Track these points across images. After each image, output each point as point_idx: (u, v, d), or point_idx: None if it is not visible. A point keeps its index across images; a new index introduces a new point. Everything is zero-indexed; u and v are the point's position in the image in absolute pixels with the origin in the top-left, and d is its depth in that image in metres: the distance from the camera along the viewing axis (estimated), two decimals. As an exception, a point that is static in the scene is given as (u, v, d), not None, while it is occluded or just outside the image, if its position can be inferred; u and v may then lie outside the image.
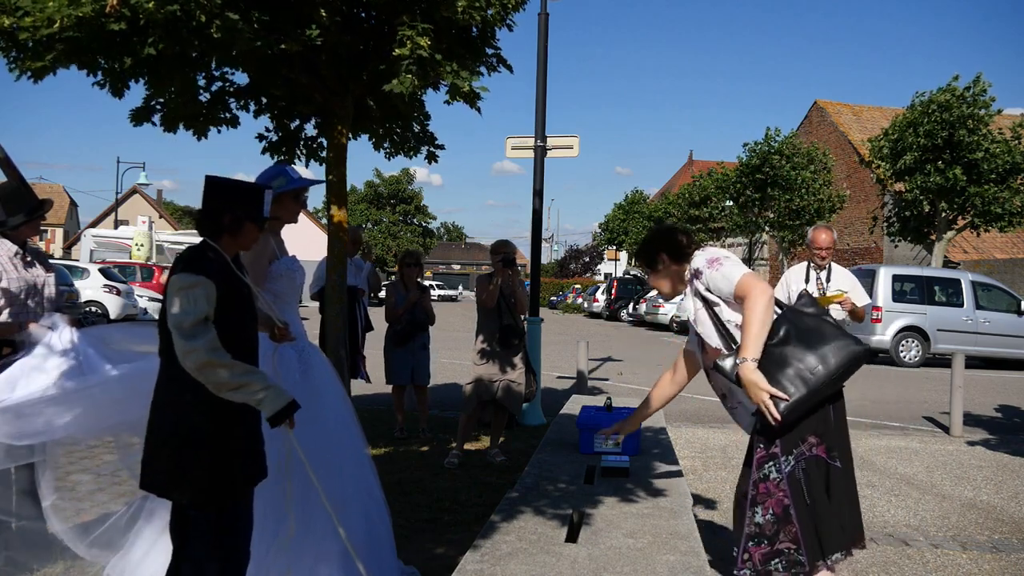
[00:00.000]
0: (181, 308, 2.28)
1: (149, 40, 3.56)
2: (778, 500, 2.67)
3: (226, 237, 2.46)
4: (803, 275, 5.44)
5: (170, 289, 2.34)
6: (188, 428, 2.33)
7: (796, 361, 2.64)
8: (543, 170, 8.06)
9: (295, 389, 2.83)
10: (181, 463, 2.33)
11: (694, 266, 2.88)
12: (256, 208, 2.48)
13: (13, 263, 3.46)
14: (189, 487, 2.34)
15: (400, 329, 6.62)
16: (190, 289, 2.31)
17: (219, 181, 2.48)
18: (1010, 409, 9.83)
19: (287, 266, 3.12)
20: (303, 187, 3.17)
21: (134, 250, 24.77)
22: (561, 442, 4.38)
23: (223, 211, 2.43)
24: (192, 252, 2.43)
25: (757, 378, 2.60)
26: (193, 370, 2.27)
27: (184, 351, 2.27)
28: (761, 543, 2.68)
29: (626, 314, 29.74)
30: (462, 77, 3.96)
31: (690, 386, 3.36)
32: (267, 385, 2.34)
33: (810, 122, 33.02)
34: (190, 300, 2.29)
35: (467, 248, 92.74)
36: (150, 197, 51.16)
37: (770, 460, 2.70)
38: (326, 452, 3.00)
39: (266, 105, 4.87)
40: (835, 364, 2.64)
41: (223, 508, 2.39)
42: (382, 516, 3.23)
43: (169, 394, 2.37)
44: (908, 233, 20.98)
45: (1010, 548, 4.35)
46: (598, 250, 58.65)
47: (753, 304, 2.64)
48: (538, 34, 7.98)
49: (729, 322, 2.79)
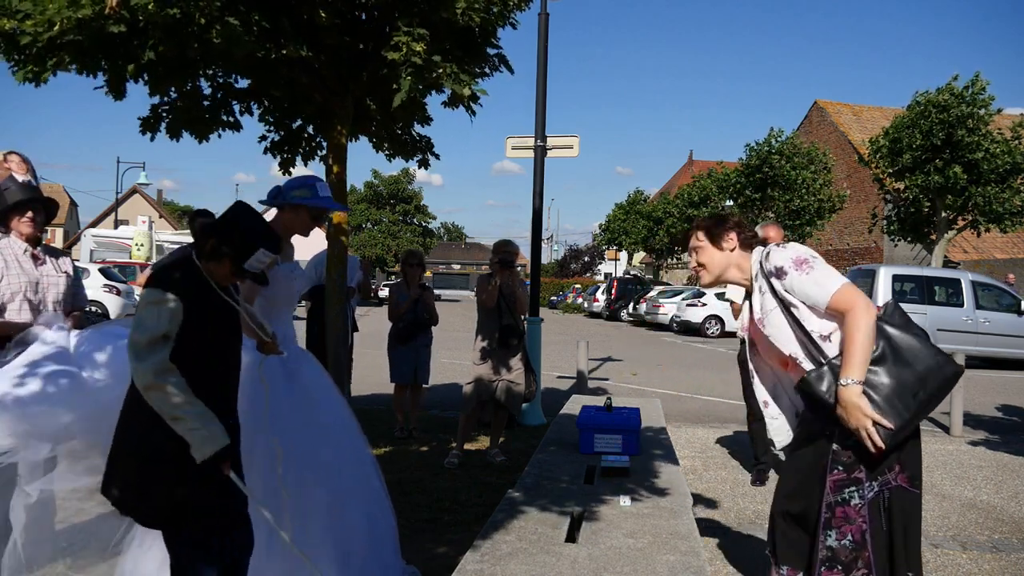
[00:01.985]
0: (139, 324, 2.24)
1: (149, 43, 3.57)
2: (858, 527, 2.51)
3: (204, 261, 2.39)
4: None
5: (139, 301, 2.30)
6: (150, 446, 2.27)
7: (896, 383, 2.45)
8: (543, 170, 8.07)
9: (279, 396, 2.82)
10: (142, 482, 2.28)
11: (775, 263, 2.60)
12: (242, 255, 2.37)
13: (19, 260, 3.47)
14: (151, 508, 2.29)
15: (402, 327, 6.65)
16: (153, 305, 2.25)
17: (239, 211, 2.41)
18: (1010, 409, 9.83)
19: (286, 271, 3.11)
20: (322, 208, 3.11)
21: (134, 250, 24.78)
22: (561, 442, 4.39)
23: (213, 236, 2.36)
24: (167, 266, 2.37)
25: (863, 403, 2.40)
26: (140, 390, 2.22)
27: (132, 369, 2.23)
28: (835, 568, 2.53)
29: (626, 314, 29.74)
30: (461, 80, 3.95)
31: (690, 386, 3.37)
32: (202, 425, 2.24)
33: (810, 122, 33.03)
34: (150, 317, 2.24)
35: (467, 248, 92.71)
36: (150, 197, 51.18)
37: (852, 484, 2.51)
38: (322, 454, 3.00)
39: (267, 108, 4.88)
40: (934, 388, 2.46)
41: (191, 529, 2.32)
42: (386, 515, 3.22)
43: (135, 408, 2.31)
44: (908, 233, 20.99)
45: (1010, 548, 4.35)
46: (598, 250, 58.64)
47: (857, 321, 2.42)
48: (538, 34, 7.99)
49: (814, 332, 2.55)
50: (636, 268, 49.11)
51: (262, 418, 2.74)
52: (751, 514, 4.84)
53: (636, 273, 40.19)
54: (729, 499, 5.17)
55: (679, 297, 24.79)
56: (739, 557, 4.05)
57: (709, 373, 12.85)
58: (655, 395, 9.11)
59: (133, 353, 2.23)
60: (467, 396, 5.72)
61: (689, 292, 25.13)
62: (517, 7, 4.16)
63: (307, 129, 5.12)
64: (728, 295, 5.39)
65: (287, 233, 3.12)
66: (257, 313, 2.84)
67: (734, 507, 4.98)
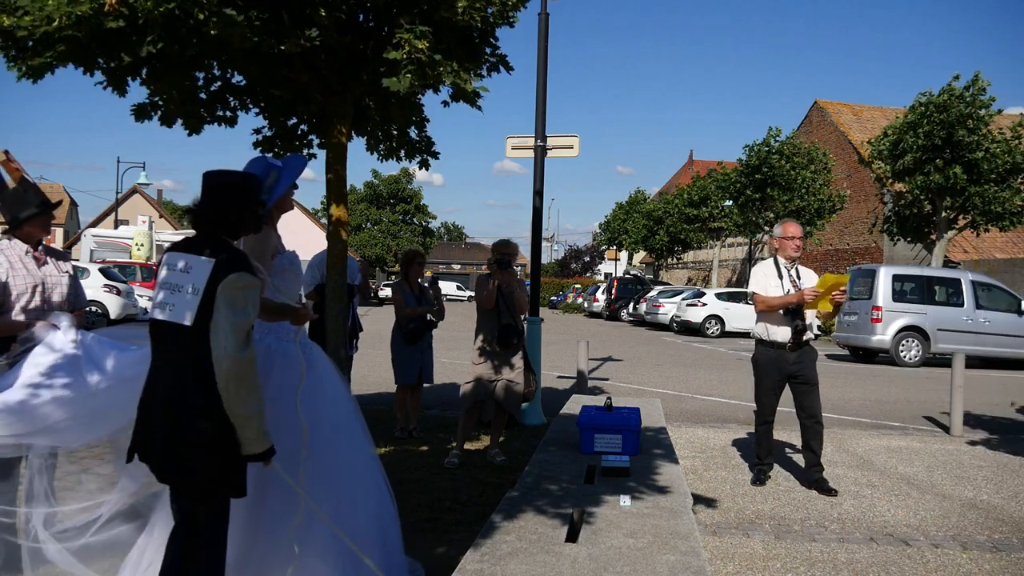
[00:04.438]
0: (241, 310, 2.23)
1: (148, 38, 3.56)
2: None
3: (239, 232, 2.45)
4: (774, 271, 5.39)
5: (230, 286, 2.27)
6: (202, 427, 2.32)
7: None
8: (543, 170, 8.06)
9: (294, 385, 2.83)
10: (194, 455, 2.33)
11: None
12: (258, 198, 2.47)
13: (23, 262, 3.47)
14: (202, 479, 2.35)
15: (413, 328, 6.60)
16: (248, 289, 2.25)
17: (222, 179, 2.45)
18: (1010, 409, 9.83)
19: (289, 260, 3.12)
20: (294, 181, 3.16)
21: (134, 250, 24.80)
22: (561, 442, 4.38)
23: (231, 207, 2.41)
24: (233, 251, 2.39)
25: None
26: (227, 375, 2.24)
27: (229, 355, 2.23)
28: None
29: (626, 314, 29.75)
30: (463, 78, 3.95)
31: (690, 386, 3.36)
32: (261, 423, 2.33)
33: (810, 122, 33.03)
34: (249, 303, 2.24)
35: (467, 248, 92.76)
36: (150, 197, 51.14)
37: None
38: (332, 446, 3.00)
39: (266, 105, 4.87)
40: None
41: (224, 498, 2.41)
42: (390, 513, 3.22)
43: (187, 387, 2.34)
44: (908, 233, 20.98)
45: (1010, 548, 4.34)
46: (598, 250, 58.66)
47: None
48: (538, 34, 7.98)
49: None
50: (636, 268, 49.09)
51: (293, 398, 2.78)
52: (751, 514, 4.83)
53: (636, 273, 40.16)
54: (729, 499, 5.16)
55: (679, 297, 24.79)
56: (739, 557, 4.04)
57: (709, 373, 12.84)
58: (655, 395, 9.12)
59: (235, 340, 2.23)
60: (466, 395, 5.72)
61: (689, 292, 25.14)
62: (515, 6, 4.14)
63: (300, 127, 5.11)
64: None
65: (276, 220, 3.12)
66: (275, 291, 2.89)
67: (734, 507, 4.97)
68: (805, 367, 5.33)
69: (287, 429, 2.71)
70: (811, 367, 5.37)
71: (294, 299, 3.26)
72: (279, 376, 2.81)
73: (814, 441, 5.41)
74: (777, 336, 5.32)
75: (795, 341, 5.27)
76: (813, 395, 5.36)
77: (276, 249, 3.07)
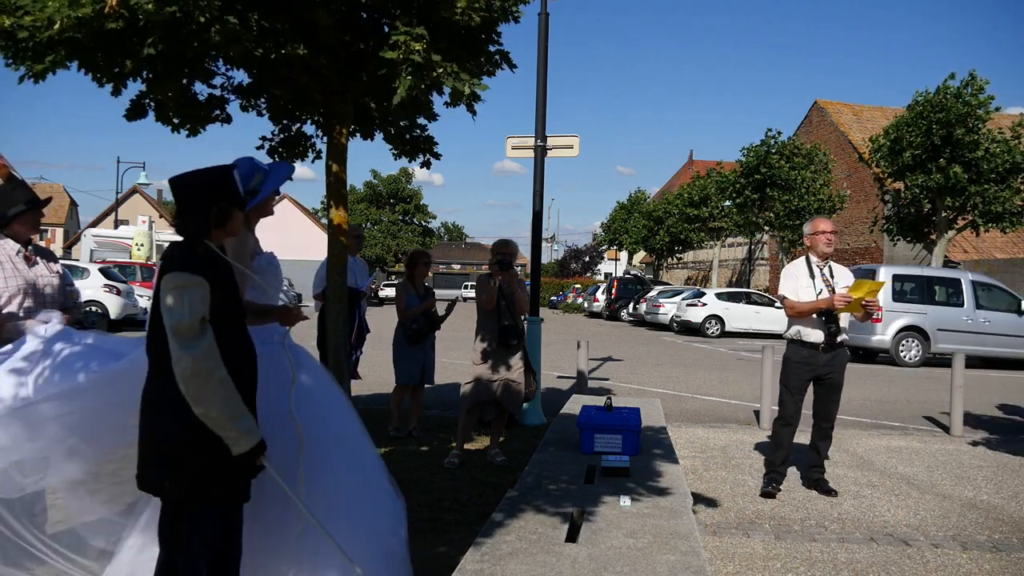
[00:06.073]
0: (177, 309, 2.20)
1: (148, 40, 3.56)
2: None
3: (215, 231, 2.39)
4: (806, 271, 5.25)
5: (164, 288, 2.24)
6: (180, 424, 2.27)
7: None
8: (543, 170, 8.06)
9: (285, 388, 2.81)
10: (174, 456, 2.29)
11: None
12: (234, 191, 2.41)
13: (13, 261, 3.47)
14: (182, 480, 2.29)
15: (417, 328, 6.59)
16: (185, 289, 2.22)
17: (188, 179, 2.40)
18: (1010, 409, 9.83)
19: (268, 261, 3.11)
20: (277, 188, 3.14)
21: (134, 250, 24.81)
22: (561, 442, 4.38)
23: (206, 206, 2.35)
24: (183, 250, 2.35)
25: None
26: (183, 377, 2.19)
27: (177, 356, 2.19)
28: None
29: (626, 314, 29.74)
30: (461, 79, 3.93)
31: (690, 386, 3.37)
32: (241, 419, 2.26)
33: (810, 122, 33.03)
34: (186, 301, 2.20)
35: (467, 248, 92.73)
36: (150, 197, 51.18)
37: None
38: (324, 448, 2.99)
39: (267, 105, 4.87)
40: None
41: (216, 502, 2.34)
42: (394, 511, 3.20)
43: (161, 391, 2.30)
44: (908, 232, 20.98)
45: (1010, 548, 4.35)
46: (598, 250, 58.66)
47: None
48: (538, 34, 7.98)
49: None
50: (636, 268, 49.07)
51: (286, 400, 2.73)
52: (751, 514, 4.83)
53: (636, 273, 40.13)
54: (729, 499, 5.16)
55: (679, 297, 24.78)
56: (739, 557, 4.05)
57: (709, 373, 12.84)
58: (655, 395, 9.12)
59: (178, 341, 2.19)
60: (466, 395, 5.72)
61: (689, 292, 25.14)
62: (514, 5, 4.10)
63: (303, 129, 5.11)
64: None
65: (254, 223, 3.09)
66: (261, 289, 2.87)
67: (734, 507, 4.97)
68: (835, 369, 5.21)
69: (282, 434, 2.68)
70: (841, 370, 5.25)
71: (274, 300, 3.25)
72: (268, 380, 2.75)
73: (822, 443, 5.37)
74: (811, 337, 5.18)
75: (828, 343, 5.17)
76: (835, 398, 5.27)
77: (254, 250, 3.07)
